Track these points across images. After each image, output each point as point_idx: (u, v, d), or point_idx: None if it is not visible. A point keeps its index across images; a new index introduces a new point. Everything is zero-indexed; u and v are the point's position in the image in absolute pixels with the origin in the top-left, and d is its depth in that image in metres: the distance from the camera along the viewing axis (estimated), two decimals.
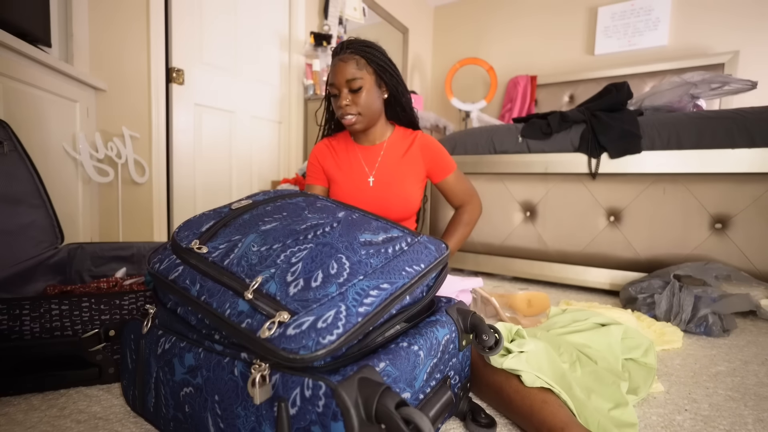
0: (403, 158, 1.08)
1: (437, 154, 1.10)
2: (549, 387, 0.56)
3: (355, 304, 0.42)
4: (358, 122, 1.00)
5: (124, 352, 0.60)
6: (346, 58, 0.97)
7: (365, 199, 1.07)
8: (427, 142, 1.10)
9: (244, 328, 0.41)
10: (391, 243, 0.53)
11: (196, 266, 0.52)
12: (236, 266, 0.49)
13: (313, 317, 0.40)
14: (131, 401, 0.60)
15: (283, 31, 2.44)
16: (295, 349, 0.37)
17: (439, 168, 1.10)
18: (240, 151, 2.24)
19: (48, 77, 1.34)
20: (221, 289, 0.47)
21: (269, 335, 0.39)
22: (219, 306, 0.45)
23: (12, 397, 0.64)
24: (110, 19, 1.62)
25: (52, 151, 1.38)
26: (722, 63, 2.68)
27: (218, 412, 0.44)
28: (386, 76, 1.01)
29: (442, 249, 0.56)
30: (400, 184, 1.06)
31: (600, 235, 1.40)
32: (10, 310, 0.63)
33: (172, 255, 0.56)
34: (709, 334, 1.01)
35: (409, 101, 1.08)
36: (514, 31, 3.53)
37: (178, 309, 0.55)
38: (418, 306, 0.50)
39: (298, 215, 0.59)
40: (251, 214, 0.60)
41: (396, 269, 0.48)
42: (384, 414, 0.35)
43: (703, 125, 1.25)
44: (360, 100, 0.97)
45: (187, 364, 0.48)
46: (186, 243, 0.55)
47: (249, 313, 0.43)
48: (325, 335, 0.38)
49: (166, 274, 0.53)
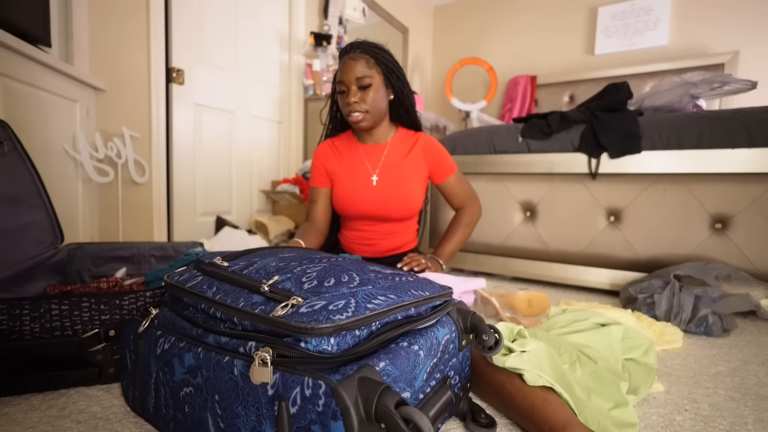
0: (405, 158, 1.09)
1: (439, 155, 1.11)
2: (550, 386, 0.56)
3: (364, 301, 0.44)
4: (365, 120, 1.01)
5: (124, 353, 0.60)
6: (356, 56, 0.98)
7: (368, 197, 1.08)
8: (429, 143, 1.11)
9: (258, 313, 0.44)
10: (398, 275, 0.56)
11: (215, 273, 0.55)
12: (254, 274, 0.52)
13: (325, 302, 0.43)
14: (131, 402, 0.59)
15: (283, 30, 2.44)
16: (306, 321, 0.40)
17: (441, 169, 1.11)
18: (240, 151, 2.24)
19: (48, 77, 1.34)
20: (237, 289, 0.50)
21: (282, 313, 0.42)
22: (233, 301, 0.48)
23: (12, 397, 0.64)
24: (110, 19, 1.62)
25: (52, 151, 1.38)
26: (722, 63, 2.68)
27: (218, 411, 0.44)
28: (393, 78, 1.02)
29: (445, 287, 0.58)
30: (402, 184, 1.07)
31: (600, 235, 1.40)
32: (10, 310, 0.63)
33: (193, 270, 0.60)
34: (709, 334, 1.01)
35: (413, 104, 1.10)
36: (514, 30, 3.53)
37: (187, 310, 0.56)
38: (423, 322, 0.50)
39: (315, 253, 0.64)
40: (271, 250, 0.65)
41: (403, 289, 0.50)
42: (384, 413, 0.35)
43: (703, 125, 1.25)
44: (368, 98, 0.98)
45: (186, 364, 0.48)
46: (208, 260, 0.59)
47: (263, 302, 0.46)
48: (335, 315, 0.41)
49: (184, 283, 0.56)
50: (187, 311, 0.55)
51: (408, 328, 0.48)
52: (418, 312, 0.51)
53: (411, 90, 1.09)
